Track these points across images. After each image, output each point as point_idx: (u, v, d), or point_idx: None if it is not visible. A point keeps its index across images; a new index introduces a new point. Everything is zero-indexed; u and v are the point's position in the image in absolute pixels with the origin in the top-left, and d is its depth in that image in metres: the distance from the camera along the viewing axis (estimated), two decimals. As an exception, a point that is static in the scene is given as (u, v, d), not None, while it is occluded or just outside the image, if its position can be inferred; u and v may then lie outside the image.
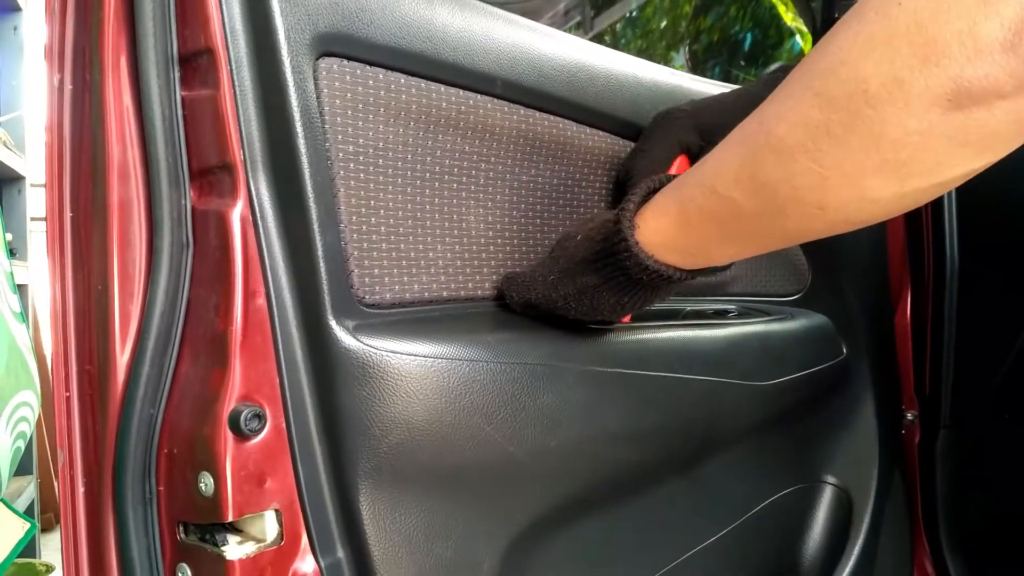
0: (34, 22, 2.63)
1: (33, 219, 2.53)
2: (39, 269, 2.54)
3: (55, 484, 3.16)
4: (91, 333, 0.63)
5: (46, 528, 2.95)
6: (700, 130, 0.79)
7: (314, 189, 0.61)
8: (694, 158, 0.79)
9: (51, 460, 3.08)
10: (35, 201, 2.58)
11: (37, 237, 2.51)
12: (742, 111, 0.73)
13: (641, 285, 0.65)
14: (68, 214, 0.63)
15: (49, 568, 1.95)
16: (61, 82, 0.62)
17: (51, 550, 3.09)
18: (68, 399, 0.64)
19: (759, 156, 0.52)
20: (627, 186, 0.80)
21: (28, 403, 1.31)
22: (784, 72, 0.71)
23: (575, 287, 0.68)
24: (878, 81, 0.44)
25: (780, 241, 0.59)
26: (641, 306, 0.69)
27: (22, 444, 1.31)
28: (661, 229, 0.62)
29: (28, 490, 2.37)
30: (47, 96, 0.63)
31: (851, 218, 0.51)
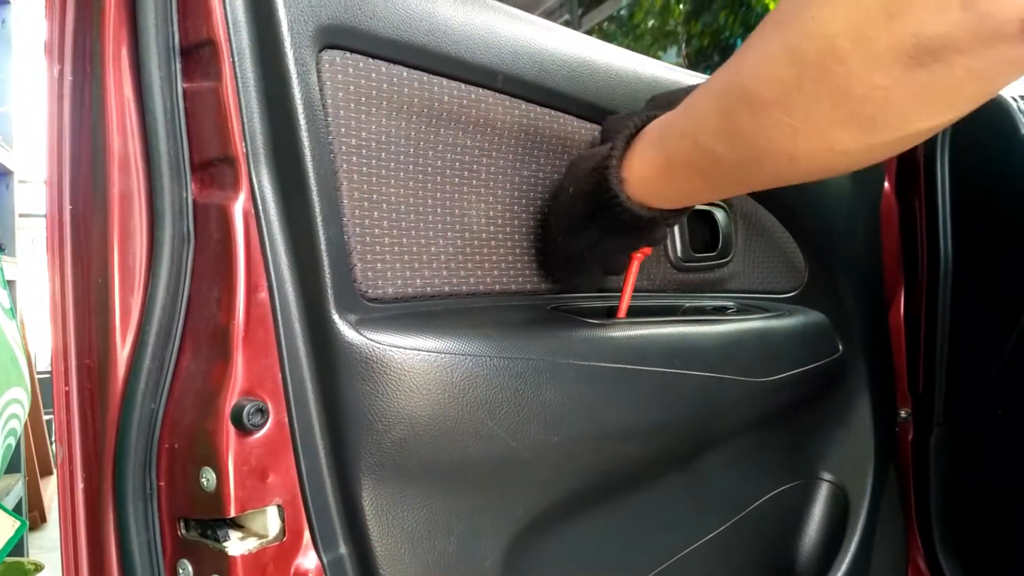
0: (23, 15, 2.61)
1: (22, 215, 2.51)
2: (27, 265, 2.52)
3: (39, 482, 3.14)
4: (91, 327, 0.63)
5: (31, 527, 2.93)
6: None
7: (317, 182, 0.61)
8: None
9: (35, 457, 3.06)
10: (23, 197, 2.56)
11: (25, 233, 2.49)
12: None
13: (638, 229, 0.69)
14: (68, 207, 0.63)
15: (38, 567, 1.93)
16: (61, 73, 0.62)
17: (36, 548, 3.07)
18: (67, 394, 0.64)
19: (736, 110, 0.53)
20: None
21: (19, 400, 1.30)
22: None
23: (583, 241, 0.73)
24: (847, 37, 0.45)
25: (757, 187, 0.63)
26: (644, 242, 0.74)
27: (13, 441, 1.30)
28: (648, 180, 0.65)
29: (16, 488, 2.35)
30: (47, 88, 0.63)
31: (821, 168, 0.53)
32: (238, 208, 0.60)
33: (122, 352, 0.61)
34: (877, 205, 1.28)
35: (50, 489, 3.84)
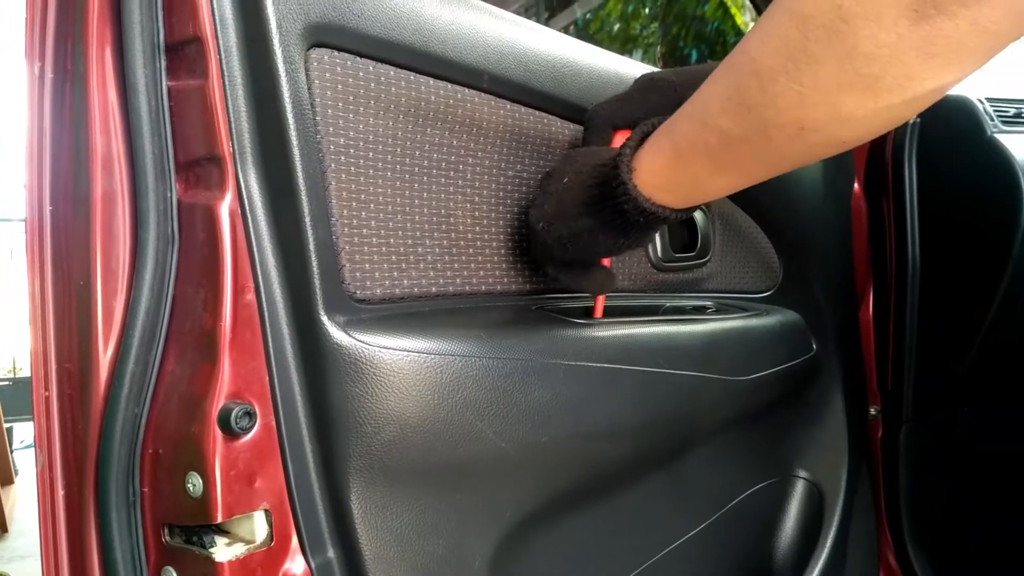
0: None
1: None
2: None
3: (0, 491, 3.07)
4: (71, 330, 0.61)
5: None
6: (679, 106, 0.78)
7: (306, 182, 0.60)
8: None
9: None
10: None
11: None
12: None
13: (637, 226, 0.67)
14: (48, 208, 0.61)
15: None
16: (42, 71, 0.60)
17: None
18: (47, 399, 0.62)
19: (743, 82, 0.54)
20: (584, 130, 0.80)
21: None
22: None
23: (569, 230, 0.70)
24: None
25: (765, 168, 0.60)
26: (634, 246, 0.71)
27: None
28: (656, 170, 0.64)
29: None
30: (27, 86, 0.61)
31: (830, 138, 0.53)
32: (224, 208, 0.59)
33: (105, 356, 0.60)
34: (848, 206, 1.30)
35: (10, 499, 3.76)
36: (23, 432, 5.46)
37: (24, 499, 4.01)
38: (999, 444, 1.34)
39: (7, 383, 5.03)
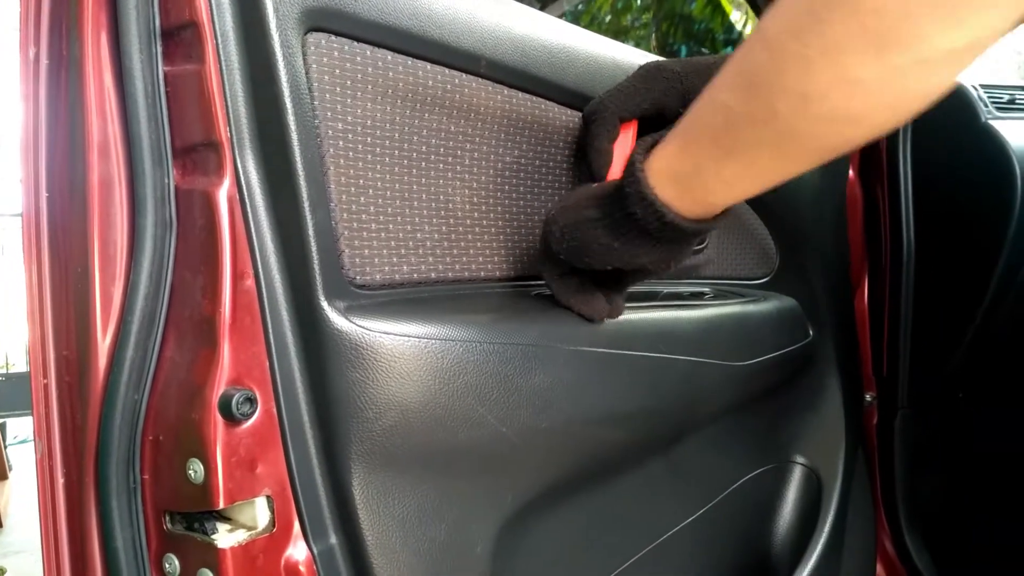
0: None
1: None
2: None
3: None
4: (70, 317, 0.61)
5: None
6: (684, 96, 0.77)
7: (304, 167, 0.60)
8: (669, 121, 0.79)
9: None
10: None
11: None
12: None
13: (635, 224, 0.63)
14: (44, 195, 0.61)
15: (1, 571, 1.88)
16: (37, 56, 0.60)
17: (-7, 555, 3.00)
18: (46, 387, 0.62)
19: (753, 55, 0.52)
20: (590, 122, 0.79)
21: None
22: None
23: (575, 217, 0.68)
24: None
25: (772, 153, 0.55)
26: (628, 255, 0.66)
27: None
28: (663, 154, 0.61)
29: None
30: (21, 71, 0.61)
31: (838, 110, 0.50)
32: (222, 194, 0.58)
33: (103, 343, 0.59)
34: (843, 193, 1.30)
35: (5, 494, 3.75)
36: (17, 428, 5.46)
37: (19, 495, 4.01)
38: (994, 431, 1.35)
39: (0, 379, 5.03)
